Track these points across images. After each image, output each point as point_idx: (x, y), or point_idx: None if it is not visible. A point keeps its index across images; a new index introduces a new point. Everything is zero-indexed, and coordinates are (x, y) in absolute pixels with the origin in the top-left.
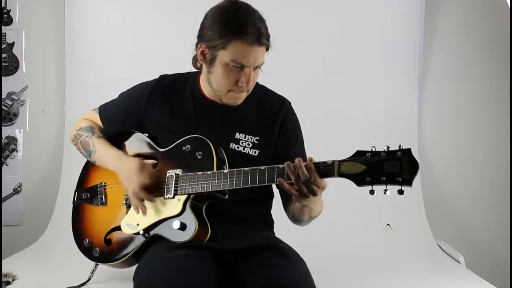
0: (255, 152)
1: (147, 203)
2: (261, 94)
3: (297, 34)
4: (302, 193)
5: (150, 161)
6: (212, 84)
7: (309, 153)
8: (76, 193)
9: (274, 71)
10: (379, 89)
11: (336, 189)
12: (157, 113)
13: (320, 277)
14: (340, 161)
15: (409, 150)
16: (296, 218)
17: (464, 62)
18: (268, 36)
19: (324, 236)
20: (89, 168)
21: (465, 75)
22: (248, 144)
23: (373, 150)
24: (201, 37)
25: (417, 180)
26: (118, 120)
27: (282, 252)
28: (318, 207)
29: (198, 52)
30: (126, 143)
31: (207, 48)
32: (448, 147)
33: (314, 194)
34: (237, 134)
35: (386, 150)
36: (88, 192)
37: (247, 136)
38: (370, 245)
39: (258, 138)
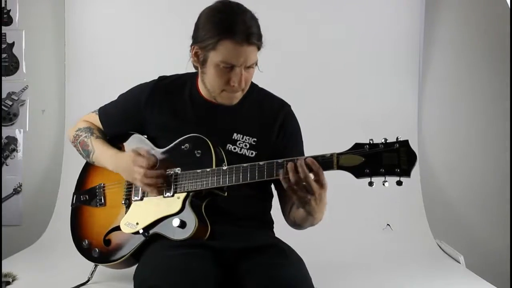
0: (252, 154)
1: (146, 204)
2: (260, 96)
3: (296, 34)
4: (301, 192)
5: (145, 149)
6: (206, 85)
7: (308, 151)
8: (75, 195)
9: (273, 69)
10: (378, 89)
11: (336, 189)
12: (156, 114)
13: (320, 277)
14: (339, 154)
15: (406, 141)
16: (297, 224)
17: (464, 61)
18: (259, 35)
19: (324, 235)
20: (87, 170)
21: (465, 74)
22: (246, 145)
23: (371, 142)
24: (194, 39)
25: (417, 180)
26: (118, 121)
27: (281, 251)
28: (321, 215)
29: (192, 54)
30: (125, 144)
31: (200, 49)
32: (449, 147)
33: (313, 193)
34: (235, 134)
35: (384, 142)
36: (87, 194)
37: (244, 137)
38: (370, 245)
39: (255, 139)
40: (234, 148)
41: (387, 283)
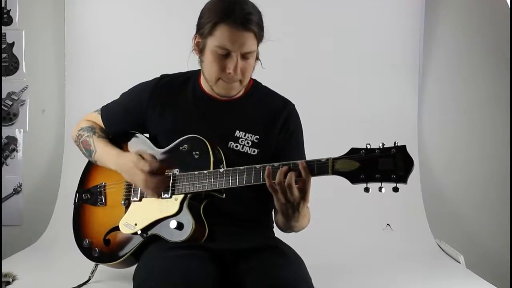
0: (254, 151)
1: (145, 205)
2: (264, 93)
3: (296, 34)
4: (280, 195)
5: (148, 153)
6: (204, 74)
7: (310, 152)
8: (77, 194)
9: (273, 70)
10: (378, 89)
11: (335, 189)
12: (157, 112)
13: (320, 277)
14: (335, 159)
15: (404, 147)
16: (280, 227)
17: (463, 61)
18: (259, 25)
19: (324, 236)
20: (90, 168)
21: (465, 74)
22: (248, 143)
23: (368, 147)
24: (196, 28)
25: (417, 180)
26: (119, 120)
27: (281, 252)
28: (299, 224)
29: (194, 43)
30: (128, 144)
31: (200, 37)
32: (448, 147)
33: (293, 201)
34: (237, 131)
35: (380, 147)
36: (89, 192)
37: (247, 134)
38: (370, 245)
39: (258, 137)
40: (236, 146)
41: (387, 283)
